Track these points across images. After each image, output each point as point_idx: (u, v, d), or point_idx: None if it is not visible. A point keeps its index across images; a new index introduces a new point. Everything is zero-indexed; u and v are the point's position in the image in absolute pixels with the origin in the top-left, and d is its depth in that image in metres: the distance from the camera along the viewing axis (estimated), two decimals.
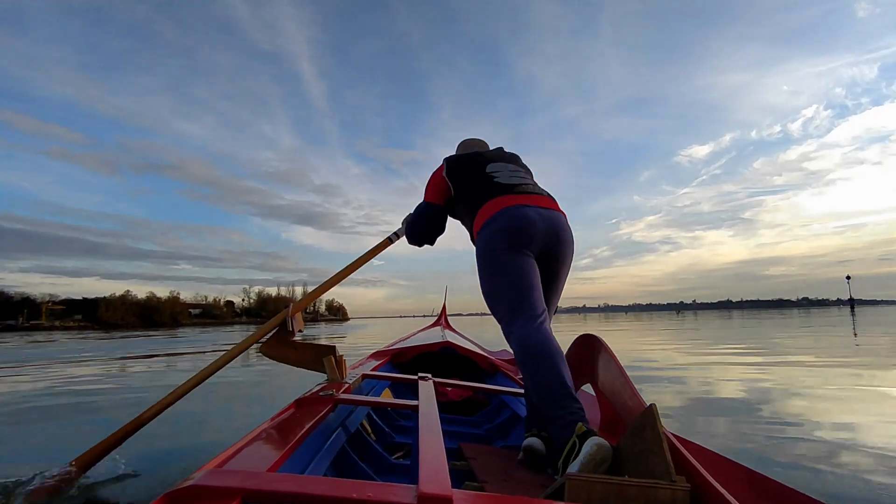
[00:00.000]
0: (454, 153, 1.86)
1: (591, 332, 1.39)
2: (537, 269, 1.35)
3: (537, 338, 1.21)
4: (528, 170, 1.66)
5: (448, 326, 4.70)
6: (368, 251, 1.93)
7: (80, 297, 62.72)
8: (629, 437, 0.92)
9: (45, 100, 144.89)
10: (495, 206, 1.40)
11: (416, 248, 1.86)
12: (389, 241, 1.95)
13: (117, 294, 64.26)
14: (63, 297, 63.67)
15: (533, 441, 1.26)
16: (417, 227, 1.72)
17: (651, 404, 0.91)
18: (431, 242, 1.79)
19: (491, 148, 1.81)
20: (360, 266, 1.94)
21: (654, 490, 0.76)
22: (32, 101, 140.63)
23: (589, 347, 1.37)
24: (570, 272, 1.49)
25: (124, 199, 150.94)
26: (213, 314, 74.44)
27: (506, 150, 1.74)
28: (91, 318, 56.85)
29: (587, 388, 1.44)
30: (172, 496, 0.64)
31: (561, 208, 1.47)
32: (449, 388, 2.41)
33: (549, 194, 1.50)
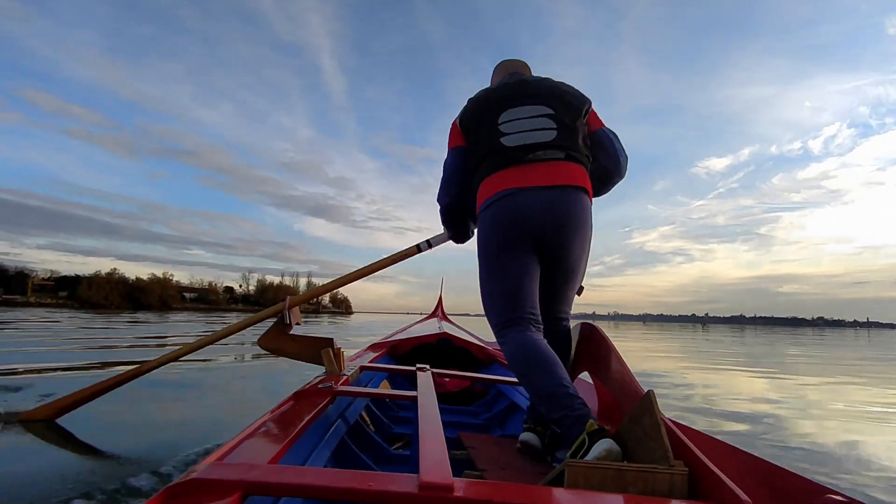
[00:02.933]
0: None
1: (588, 321, 1.40)
2: (535, 268, 1.28)
3: (527, 347, 1.17)
4: (567, 105, 1.36)
5: (445, 318, 4.71)
6: (388, 257, 1.75)
7: (73, 275, 60.31)
8: (628, 424, 0.93)
9: (68, 80, 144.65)
10: (493, 187, 1.28)
11: (456, 243, 1.64)
12: (418, 248, 1.72)
13: (149, 276, 61.51)
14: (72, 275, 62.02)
15: (529, 436, 1.27)
16: (443, 191, 1.48)
17: (649, 390, 0.92)
18: (467, 204, 1.48)
19: (534, 74, 1.55)
20: (376, 271, 1.78)
21: (652, 474, 0.77)
22: (56, 80, 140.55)
23: (587, 336, 1.38)
24: (587, 261, 1.37)
25: (141, 182, 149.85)
26: (208, 299, 70.77)
27: (553, 79, 1.45)
28: (76, 295, 54.41)
29: (585, 376, 1.45)
30: (173, 490, 0.64)
31: (578, 178, 1.28)
32: (447, 379, 2.43)
33: (569, 153, 1.29)
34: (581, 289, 1.43)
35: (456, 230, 1.60)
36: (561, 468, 0.84)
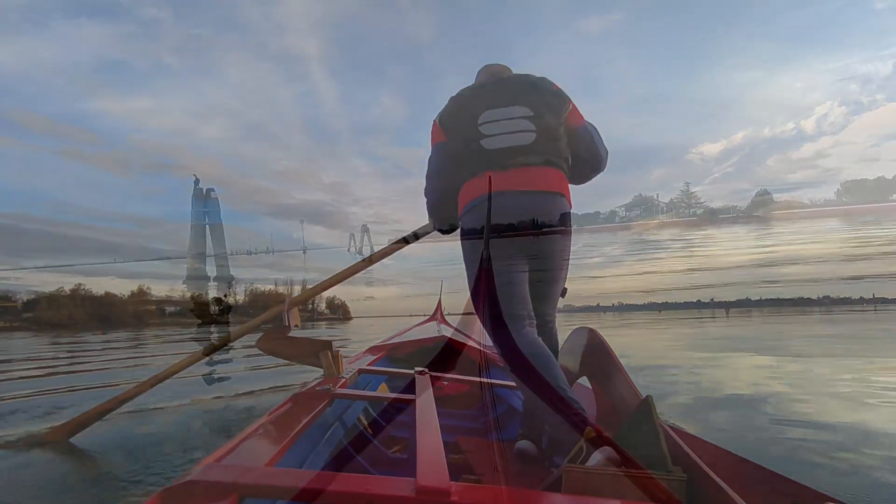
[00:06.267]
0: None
1: (586, 325, 1.40)
2: (523, 267, 1.32)
3: (524, 345, 1.19)
4: (547, 105, 1.41)
5: (444, 321, 4.70)
6: (379, 251, 1.80)
7: (46, 293, 57.10)
8: (626, 429, 0.93)
9: (60, 101, 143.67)
10: (474, 191, 1.35)
11: (442, 234, 1.63)
12: (405, 241, 1.74)
13: (129, 293, 57.26)
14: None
15: (525, 444, 1.27)
16: (430, 184, 1.53)
17: (647, 396, 0.92)
18: (453, 197, 1.48)
19: (514, 73, 1.58)
20: (367, 267, 1.83)
21: (650, 480, 0.77)
22: (47, 101, 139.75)
23: (586, 341, 1.37)
24: (569, 263, 1.43)
25: (137, 199, 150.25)
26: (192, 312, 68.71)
27: (534, 76, 1.49)
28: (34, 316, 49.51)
29: (583, 380, 1.45)
30: (170, 492, 0.64)
31: (556, 184, 1.36)
32: (445, 382, 2.42)
33: (548, 159, 1.35)
34: (565, 290, 1.49)
35: (442, 221, 1.62)
36: (559, 473, 0.84)
